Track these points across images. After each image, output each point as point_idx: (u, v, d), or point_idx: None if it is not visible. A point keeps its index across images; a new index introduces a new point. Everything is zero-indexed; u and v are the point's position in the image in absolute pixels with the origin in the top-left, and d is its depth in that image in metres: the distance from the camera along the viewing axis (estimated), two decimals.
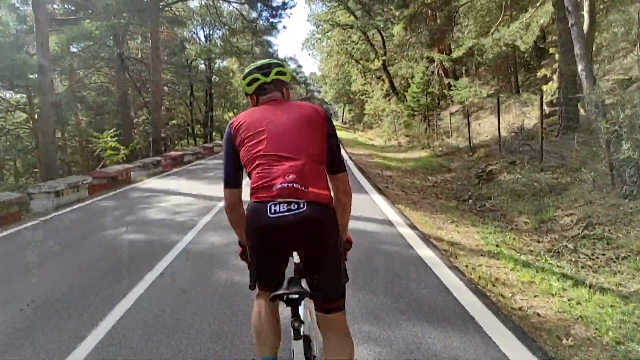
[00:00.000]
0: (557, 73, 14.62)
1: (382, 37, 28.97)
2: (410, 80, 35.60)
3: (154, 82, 19.40)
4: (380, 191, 8.51)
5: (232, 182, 1.90)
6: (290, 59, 58.04)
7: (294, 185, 1.63)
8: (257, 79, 1.94)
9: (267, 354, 1.74)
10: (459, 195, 9.01)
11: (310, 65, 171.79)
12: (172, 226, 6.18)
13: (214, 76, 29.24)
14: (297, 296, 1.68)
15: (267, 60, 2.01)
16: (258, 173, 1.72)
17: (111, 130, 14.54)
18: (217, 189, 9.19)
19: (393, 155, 17.49)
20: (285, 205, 1.63)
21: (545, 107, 14.12)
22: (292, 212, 1.62)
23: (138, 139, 25.14)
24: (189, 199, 8.30)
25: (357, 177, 10.48)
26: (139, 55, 25.86)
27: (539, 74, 15.70)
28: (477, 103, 20.99)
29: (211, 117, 28.90)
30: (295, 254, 1.89)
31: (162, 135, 26.68)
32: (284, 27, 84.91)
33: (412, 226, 5.74)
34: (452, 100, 24.73)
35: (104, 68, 24.55)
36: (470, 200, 8.45)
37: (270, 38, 54.95)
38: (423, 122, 21.92)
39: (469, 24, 14.43)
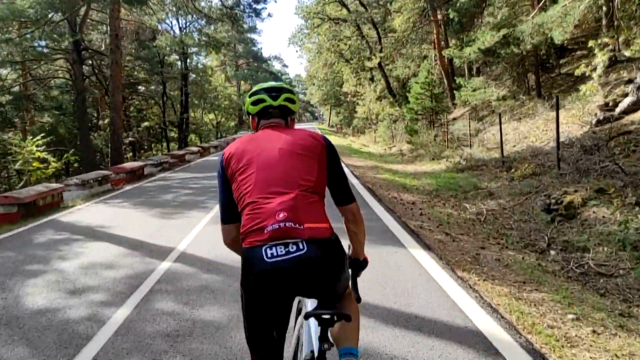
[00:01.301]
0: (598, 70, 12.03)
1: (377, 32, 26.16)
2: (406, 82, 33.01)
3: (113, 76, 16.17)
4: (415, 235, 5.60)
5: (229, 217, 1.72)
6: (275, 58, 55.10)
7: (287, 224, 1.47)
8: (263, 100, 1.80)
9: None
10: (528, 239, 6.13)
11: (296, 66, 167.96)
12: (47, 337, 3.12)
13: (190, 74, 25.98)
14: (329, 317, 1.52)
15: (279, 83, 1.89)
16: (248, 214, 1.55)
17: (38, 137, 11.25)
18: (173, 227, 6.14)
19: (400, 167, 14.61)
20: (282, 247, 1.46)
21: (598, 111, 11.45)
22: (291, 255, 1.45)
23: (100, 145, 21.85)
24: (118, 251, 5.23)
25: (370, 205, 7.53)
26: (102, 48, 22.53)
27: (578, 71, 13.01)
28: (489, 106, 18.36)
29: (186, 119, 25.64)
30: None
31: (132, 139, 23.44)
32: (269, 14, 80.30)
33: (532, 349, 2.83)
34: (454, 104, 22.12)
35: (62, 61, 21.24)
36: (552, 252, 5.57)
37: (254, 36, 51.93)
38: (430, 128, 19.13)
39: (501, 7, 11.68)
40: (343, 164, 8.93)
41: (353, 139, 31.97)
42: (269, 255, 1.45)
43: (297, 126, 2.10)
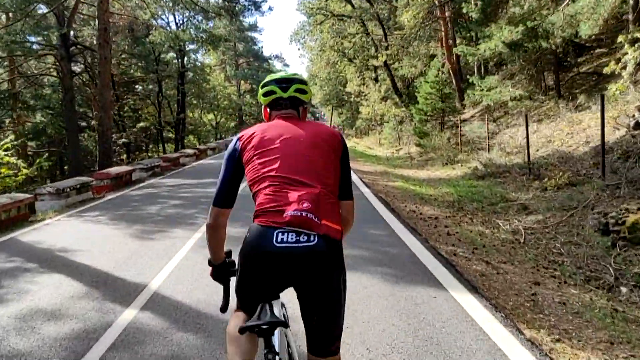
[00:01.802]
0: (629, 68, 10.89)
1: (383, 29, 24.99)
2: (412, 82, 31.88)
3: (102, 73, 15.03)
4: (451, 267, 4.45)
5: (224, 201, 1.67)
6: (277, 57, 53.85)
7: (308, 215, 1.48)
8: (273, 92, 1.79)
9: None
10: (587, 269, 4.97)
11: (297, 65, 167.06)
12: None
13: (187, 72, 24.82)
14: (267, 326, 1.43)
15: (290, 74, 1.84)
16: (268, 194, 1.55)
17: (6, 140, 10.06)
18: (151, 252, 4.99)
19: (412, 173, 13.46)
20: (295, 235, 1.47)
21: (636, 112, 10.27)
22: (300, 244, 1.46)
23: (91, 146, 20.72)
24: (73, 289, 4.06)
25: (389, 222, 6.38)
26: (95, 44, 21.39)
27: (607, 69, 11.85)
28: (502, 107, 17.23)
29: (183, 119, 24.48)
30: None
31: (125, 140, 22.31)
32: (270, 8, 77.80)
33: None
34: (463, 104, 20.97)
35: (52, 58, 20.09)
36: (624, 289, 4.42)
37: (254, 34, 50.79)
38: (441, 130, 17.98)
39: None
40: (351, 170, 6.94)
41: (357, 140, 30.81)
42: (279, 239, 1.46)
43: None
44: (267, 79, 1.83)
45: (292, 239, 1.46)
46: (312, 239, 1.46)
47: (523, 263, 5.20)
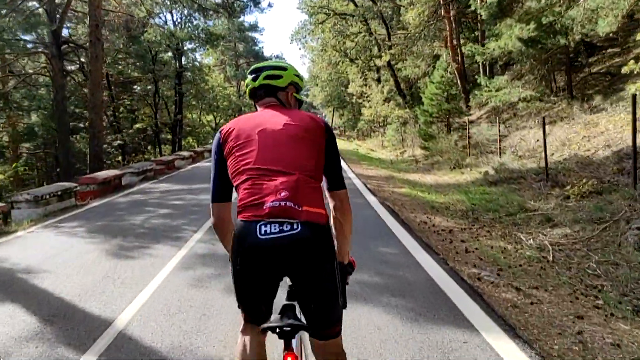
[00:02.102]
0: None
1: (387, 27, 24.30)
2: (415, 83, 31.21)
3: (93, 72, 14.34)
4: (478, 297, 3.75)
5: (220, 196, 1.69)
6: (277, 57, 53.07)
7: (287, 203, 1.48)
8: (248, 84, 1.81)
9: None
10: (633, 296, 4.26)
11: (298, 66, 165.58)
12: None
13: (185, 72, 24.14)
14: (290, 329, 1.47)
15: (263, 63, 1.83)
16: (246, 189, 1.56)
17: None
18: (127, 274, 4.27)
19: (418, 177, 12.75)
20: (277, 225, 1.47)
21: None
22: (284, 234, 1.46)
23: (84, 148, 20.07)
24: (23, 325, 3.35)
25: (399, 237, 5.67)
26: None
27: (626, 69, 11.14)
28: (511, 108, 16.53)
29: (180, 120, 23.80)
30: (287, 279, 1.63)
31: (120, 142, 21.64)
32: (270, 4, 75.99)
33: None
34: (468, 106, 20.26)
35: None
36: None
37: (255, 34, 50.13)
38: (448, 132, 17.27)
39: None
40: (353, 174, 6.13)
41: (359, 142, 30.11)
42: (263, 232, 1.46)
43: None
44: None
45: (275, 229, 1.46)
46: (295, 226, 1.46)
47: (557, 288, 4.48)
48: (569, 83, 14.74)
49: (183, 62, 26.04)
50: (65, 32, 19.06)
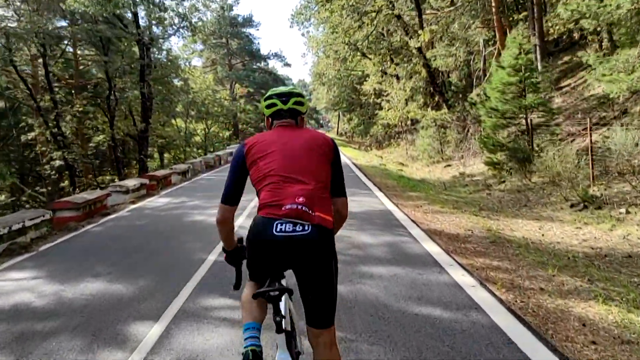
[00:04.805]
0: None
1: (417, 4, 18.38)
2: (448, 76, 25.29)
3: None
4: None
5: (231, 199, 1.99)
6: (276, 55, 47.33)
7: (303, 207, 1.75)
8: (275, 104, 2.10)
9: (252, 320, 1.84)
10: None
11: (299, 65, 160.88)
12: None
13: (152, 66, 18.24)
14: (277, 293, 1.75)
15: (288, 88, 2.18)
16: (269, 191, 1.83)
17: None
18: None
19: (525, 228, 6.72)
20: (292, 225, 1.74)
21: None
22: (296, 233, 1.73)
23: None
24: None
25: None
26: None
27: None
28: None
29: (144, 131, 17.86)
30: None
31: (60, 163, 15.79)
32: None
33: None
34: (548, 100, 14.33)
35: None
36: None
37: (250, 30, 44.38)
38: (528, 139, 11.34)
39: None
40: (425, 236, 5.44)
41: (378, 153, 24.11)
42: (278, 229, 1.74)
43: None
44: (269, 93, 2.15)
45: (289, 228, 1.73)
46: (306, 228, 1.74)
47: None
48: None
49: (161, 57, 20.33)
50: None
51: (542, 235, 6.44)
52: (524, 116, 11.97)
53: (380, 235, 5.82)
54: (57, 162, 16.42)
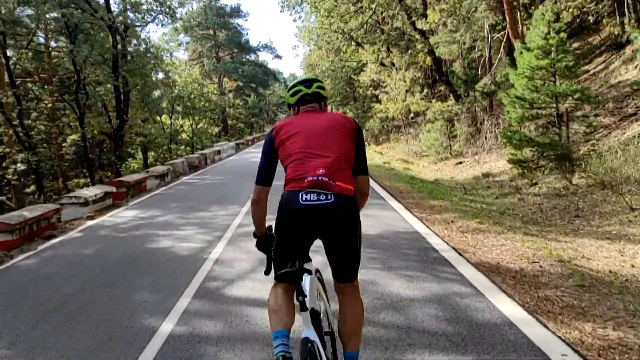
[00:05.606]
0: None
1: None
2: (450, 65, 23.53)
3: None
4: None
5: (264, 180, 2.14)
6: (266, 47, 45.21)
7: (323, 178, 1.90)
8: (300, 91, 2.24)
9: (281, 328, 1.84)
10: None
11: (290, 57, 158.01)
12: None
13: (126, 55, 16.26)
14: (297, 273, 1.81)
15: (310, 75, 2.60)
16: (293, 167, 2.00)
17: None
18: None
19: (599, 255, 5.00)
20: (315, 194, 1.89)
21: None
22: (320, 202, 1.89)
23: None
24: None
25: None
26: None
27: None
28: None
29: (119, 129, 15.94)
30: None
31: (23, 167, 13.87)
32: None
33: None
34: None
35: None
36: None
37: (238, 20, 42.22)
38: (561, 130, 9.66)
39: None
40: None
41: (377, 149, 22.33)
42: (304, 199, 1.89)
43: None
44: (292, 82, 2.32)
45: (314, 197, 1.89)
46: (329, 197, 1.89)
47: None
48: None
49: (139, 47, 18.37)
50: None
51: (632, 266, 4.71)
52: (555, 106, 10.26)
53: (419, 280, 3.97)
54: (20, 166, 14.46)
